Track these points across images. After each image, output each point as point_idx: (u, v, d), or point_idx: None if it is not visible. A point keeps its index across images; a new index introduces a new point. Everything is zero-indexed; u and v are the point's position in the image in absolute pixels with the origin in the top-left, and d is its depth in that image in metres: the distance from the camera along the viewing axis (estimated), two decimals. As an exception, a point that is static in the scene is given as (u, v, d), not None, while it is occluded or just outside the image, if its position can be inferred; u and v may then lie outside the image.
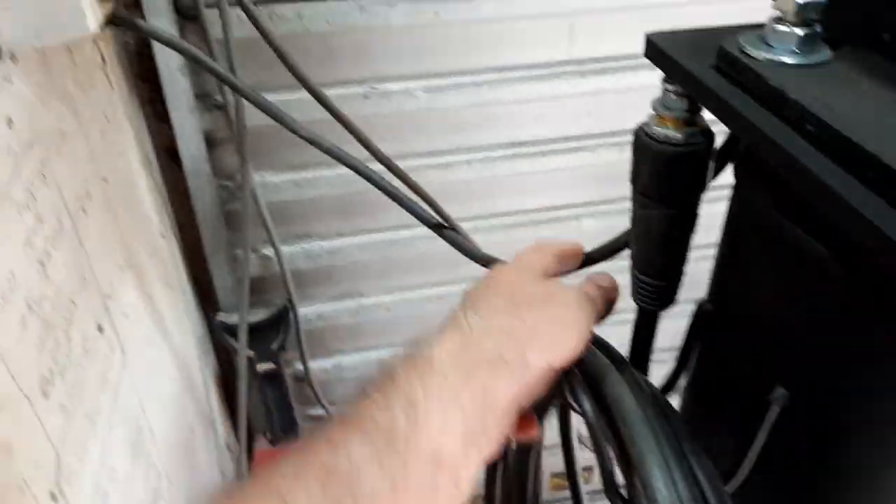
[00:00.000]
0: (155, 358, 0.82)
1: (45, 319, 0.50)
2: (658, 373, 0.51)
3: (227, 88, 0.85)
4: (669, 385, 0.51)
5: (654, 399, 0.43)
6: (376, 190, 0.69)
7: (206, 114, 0.88)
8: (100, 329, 0.63)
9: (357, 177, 0.67)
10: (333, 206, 1.01)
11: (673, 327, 0.52)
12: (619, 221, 0.51)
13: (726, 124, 0.37)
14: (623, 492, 0.43)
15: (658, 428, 0.41)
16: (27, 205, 0.49)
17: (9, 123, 0.47)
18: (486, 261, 0.73)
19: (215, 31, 0.78)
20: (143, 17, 0.78)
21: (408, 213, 0.73)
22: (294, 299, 1.05)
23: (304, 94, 0.69)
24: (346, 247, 1.06)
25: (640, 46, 1.08)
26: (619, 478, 0.42)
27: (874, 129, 0.30)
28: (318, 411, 1.20)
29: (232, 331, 1.01)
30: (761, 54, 0.36)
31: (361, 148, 0.73)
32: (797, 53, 0.35)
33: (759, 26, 0.38)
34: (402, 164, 0.98)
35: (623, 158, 1.06)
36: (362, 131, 0.74)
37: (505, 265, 0.46)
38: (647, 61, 1.11)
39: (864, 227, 0.27)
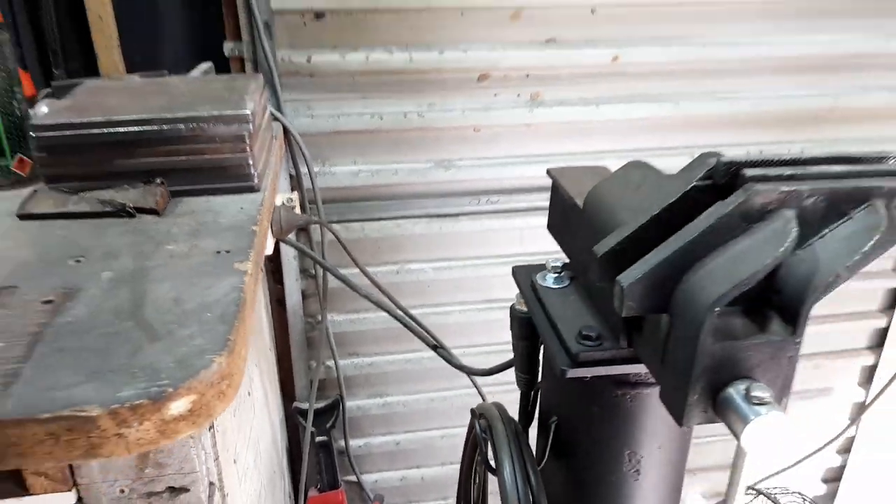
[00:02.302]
0: (262, 420, 1.28)
1: (263, 389, 0.98)
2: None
3: (317, 267, 1.37)
4: (525, 424, 0.95)
5: (516, 431, 0.89)
6: (402, 327, 1.18)
7: (304, 280, 1.40)
8: (248, 394, 1.10)
9: (390, 318, 1.16)
10: (374, 336, 1.50)
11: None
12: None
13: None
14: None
15: (512, 443, 0.86)
16: (251, 378, 0.99)
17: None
18: (466, 370, 1.19)
19: (316, 235, 1.32)
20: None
21: (419, 341, 1.21)
22: (343, 395, 1.51)
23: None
24: (379, 362, 1.52)
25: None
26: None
27: (564, 324, 0.76)
28: (352, 478, 1.62)
29: (303, 413, 1.47)
30: (540, 282, 0.83)
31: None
32: (553, 282, 0.83)
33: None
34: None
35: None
36: (391, 294, 1.23)
37: None
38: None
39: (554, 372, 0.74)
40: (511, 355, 0.98)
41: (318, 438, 1.45)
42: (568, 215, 0.86)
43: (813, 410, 1.81)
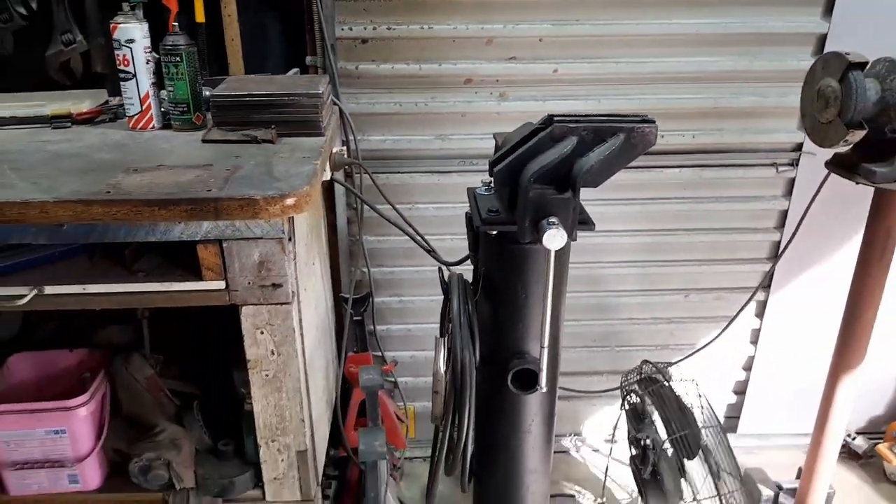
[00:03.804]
0: (320, 292, 1.83)
1: (321, 277, 1.54)
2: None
3: (358, 201, 1.93)
4: (473, 282, 1.48)
5: (464, 282, 1.42)
6: (414, 247, 1.71)
7: (349, 210, 1.95)
8: (313, 263, 1.66)
9: (406, 241, 1.69)
10: (395, 252, 2.03)
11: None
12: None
13: (474, 206, 1.38)
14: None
15: (460, 286, 1.39)
16: (313, 262, 1.54)
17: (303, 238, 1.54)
18: (443, 262, 1.72)
19: (357, 181, 1.87)
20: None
21: (426, 258, 1.74)
22: (372, 292, 2.06)
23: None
24: (398, 271, 2.02)
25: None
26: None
27: (483, 207, 1.30)
28: (378, 353, 2.17)
29: (346, 301, 2.01)
30: (477, 191, 1.36)
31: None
32: (483, 191, 1.35)
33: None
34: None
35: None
36: (411, 223, 1.77)
37: None
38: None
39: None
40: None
41: (355, 318, 2.00)
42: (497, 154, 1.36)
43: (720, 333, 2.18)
